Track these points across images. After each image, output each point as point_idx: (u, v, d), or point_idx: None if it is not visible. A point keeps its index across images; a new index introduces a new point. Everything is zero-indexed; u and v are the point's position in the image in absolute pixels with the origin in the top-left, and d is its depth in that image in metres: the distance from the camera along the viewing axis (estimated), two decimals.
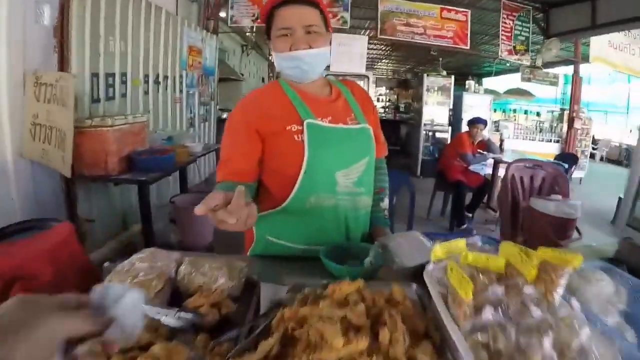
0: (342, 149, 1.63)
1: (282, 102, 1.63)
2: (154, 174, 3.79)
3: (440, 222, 6.73)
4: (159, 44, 5.41)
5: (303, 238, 1.69)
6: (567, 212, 3.00)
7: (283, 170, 1.60)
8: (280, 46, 1.57)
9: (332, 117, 1.64)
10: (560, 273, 1.13)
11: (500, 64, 12.45)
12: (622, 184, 11.80)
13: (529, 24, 9.29)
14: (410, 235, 1.61)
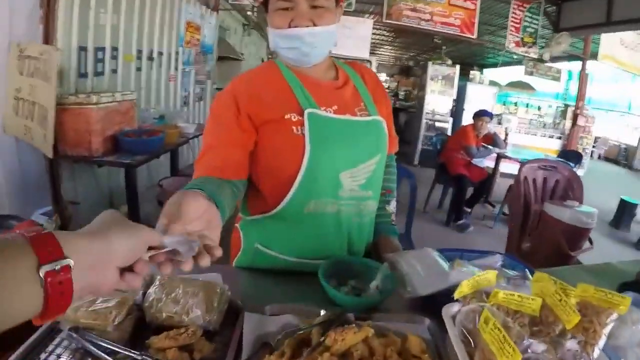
0: (349, 145, 1.39)
1: (280, 87, 1.39)
2: (141, 156, 3.62)
3: (436, 215, 6.67)
4: (154, 19, 5.17)
5: (298, 249, 1.46)
6: (583, 221, 2.84)
7: (278, 168, 1.37)
8: (278, 21, 1.33)
9: (338, 107, 1.41)
10: (605, 321, 0.99)
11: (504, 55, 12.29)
12: (621, 183, 11.97)
13: (539, 16, 9.07)
14: (424, 254, 1.39)
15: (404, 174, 3.60)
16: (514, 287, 1.14)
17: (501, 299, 1.00)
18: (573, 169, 3.58)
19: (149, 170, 5.13)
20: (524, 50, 9.14)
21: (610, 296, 1.01)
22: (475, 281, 1.05)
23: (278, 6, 1.31)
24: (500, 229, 6.13)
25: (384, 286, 1.30)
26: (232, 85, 1.41)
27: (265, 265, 1.49)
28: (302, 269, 1.45)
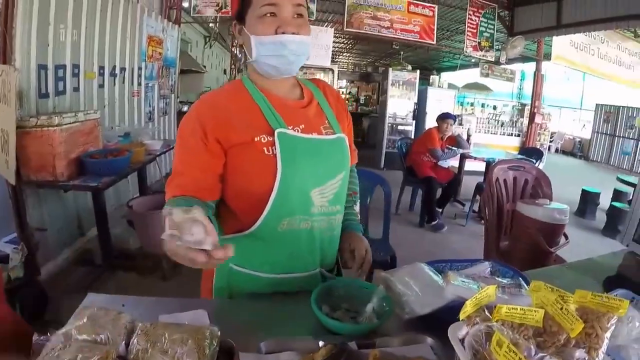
0: (318, 163, 1.38)
1: (248, 108, 1.36)
2: (108, 177, 3.48)
3: (409, 217, 6.71)
4: (115, 34, 5.06)
5: (273, 266, 1.44)
6: (556, 217, 2.91)
7: (250, 189, 1.34)
8: (263, 28, 1.29)
9: (304, 126, 1.39)
10: (606, 325, 0.99)
11: (461, 59, 12.55)
12: (579, 174, 12.41)
13: (494, 21, 9.38)
14: (416, 270, 1.39)
15: (377, 181, 3.63)
16: (511, 296, 1.15)
17: (505, 314, 1.01)
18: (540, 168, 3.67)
19: (116, 190, 4.97)
20: (481, 54, 9.39)
21: (607, 300, 1.02)
22: (478, 299, 1.07)
23: (264, 11, 1.29)
24: (472, 227, 6.30)
25: (380, 308, 1.26)
26: (197, 110, 1.37)
27: (242, 284, 1.46)
28: (279, 285, 1.45)
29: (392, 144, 9.91)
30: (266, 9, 1.28)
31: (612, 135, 15.08)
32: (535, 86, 10.46)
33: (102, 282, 3.70)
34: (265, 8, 1.28)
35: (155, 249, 3.92)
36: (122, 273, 3.88)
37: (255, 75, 1.42)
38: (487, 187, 3.38)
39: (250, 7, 1.31)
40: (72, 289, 3.51)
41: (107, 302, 1.27)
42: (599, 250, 2.17)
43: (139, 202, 4.19)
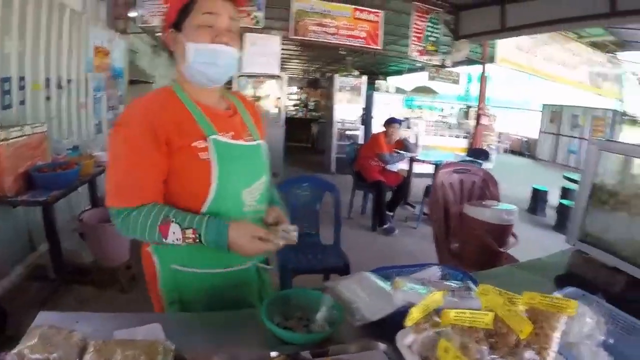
0: (246, 166, 1.52)
1: (182, 114, 1.44)
2: (57, 191, 3.43)
3: (361, 221, 6.74)
4: (62, 45, 4.92)
5: (213, 263, 1.52)
6: (504, 218, 2.95)
7: (188, 191, 1.43)
8: (201, 36, 1.38)
9: (233, 133, 1.51)
10: (555, 325, 1.02)
11: (408, 63, 12.72)
12: (526, 172, 12.78)
13: (439, 26, 9.55)
14: (362, 279, 1.42)
15: (326, 187, 3.67)
16: (460, 299, 1.16)
17: (453, 318, 1.01)
18: (487, 170, 3.72)
19: (68, 203, 4.84)
20: (427, 58, 9.55)
21: (556, 301, 1.04)
22: (425, 305, 1.06)
23: (202, 20, 1.38)
24: (424, 229, 6.33)
25: (331, 316, 1.28)
26: (143, 110, 1.41)
27: (188, 283, 1.52)
28: (221, 279, 1.54)
29: (341, 149, 9.96)
30: (206, 17, 1.37)
31: (558, 134, 15.58)
32: (481, 88, 10.75)
33: (59, 296, 3.62)
34: (205, 16, 1.37)
35: (109, 261, 3.90)
36: (78, 287, 3.79)
37: (186, 84, 1.50)
38: (433, 191, 3.41)
39: (189, 16, 1.39)
40: (30, 304, 3.42)
41: (60, 320, 1.24)
42: (551, 246, 2.23)
43: (90, 214, 4.11)
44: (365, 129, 10.64)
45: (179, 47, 1.44)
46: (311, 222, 3.74)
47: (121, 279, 3.81)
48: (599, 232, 1.76)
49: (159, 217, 1.33)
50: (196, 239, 1.34)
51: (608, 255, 1.69)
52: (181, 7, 1.40)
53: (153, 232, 1.33)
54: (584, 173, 1.83)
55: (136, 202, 1.35)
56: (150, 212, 1.33)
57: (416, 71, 15.65)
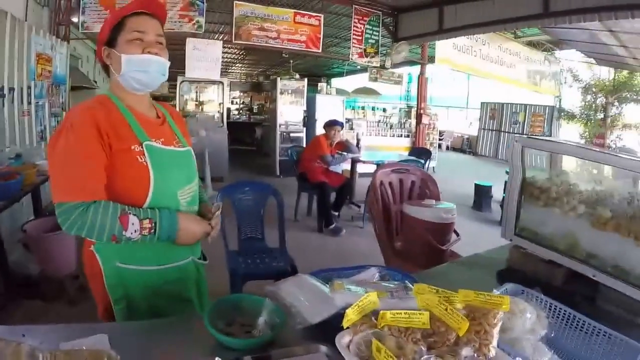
0: (178, 170, 1.65)
1: (120, 120, 1.54)
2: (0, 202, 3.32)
3: (308, 222, 6.75)
4: (3, 53, 4.76)
5: (154, 260, 1.61)
6: (444, 217, 3.01)
7: (128, 192, 1.51)
8: (133, 48, 1.54)
9: (164, 139, 1.63)
10: (493, 321, 1.06)
11: (350, 65, 12.82)
12: (469, 169, 13.14)
13: (379, 28, 9.69)
14: (301, 281, 1.45)
15: (269, 191, 3.68)
16: (399, 299, 1.19)
17: (389, 319, 1.03)
18: (428, 170, 3.79)
19: (11, 213, 4.60)
20: (367, 60, 9.65)
21: (490, 298, 1.07)
22: (360, 307, 1.08)
23: (133, 36, 1.53)
24: (370, 227, 6.28)
25: (272, 320, 1.31)
26: (90, 110, 1.48)
27: (132, 280, 1.57)
28: (163, 276, 1.62)
29: (285, 151, 9.85)
30: (136, 34, 1.54)
31: (498, 130, 16.08)
32: (420, 88, 10.91)
33: (7, 312, 3.47)
34: (135, 33, 1.54)
35: (56, 272, 3.80)
36: (26, 301, 3.66)
37: (120, 92, 1.61)
38: (372, 191, 3.45)
39: (121, 33, 1.54)
40: None
41: (6, 333, 1.25)
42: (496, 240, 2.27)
43: (35, 224, 4.00)
44: (307, 131, 10.68)
45: (114, 60, 1.57)
46: (256, 227, 3.75)
47: (69, 290, 3.73)
48: (534, 226, 1.81)
49: (118, 210, 1.42)
50: (151, 229, 1.46)
51: (544, 249, 1.74)
52: (113, 26, 1.55)
53: (114, 223, 1.40)
54: (511, 169, 1.88)
55: (92, 196, 1.41)
56: (107, 206, 1.41)
57: (358, 72, 15.82)
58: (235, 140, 13.33)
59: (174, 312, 1.62)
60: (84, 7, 7.09)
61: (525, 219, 1.85)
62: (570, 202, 1.66)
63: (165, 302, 1.63)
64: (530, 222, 1.83)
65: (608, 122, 13.17)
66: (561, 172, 1.79)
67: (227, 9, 8.38)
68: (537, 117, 14.96)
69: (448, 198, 3.47)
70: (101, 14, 7.17)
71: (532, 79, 13.15)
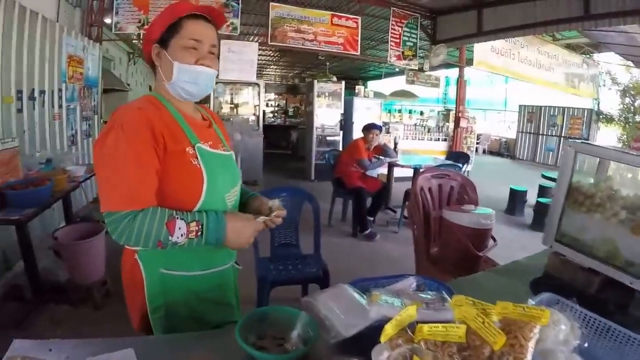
0: (226, 173, 1.62)
1: (171, 121, 1.51)
2: (30, 209, 3.29)
3: (342, 227, 6.69)
4: (33, 55, 4.80)
5: (196, 265, 1.59)
6: (482, 222, 2.96)
7: (180, 195, 1.47)
8: (187, 57, 1.50)
9: (212, 142, 1.61)
10: (529, 335, 1.02)
11: (387, 67, 12.78)
12: (506, 173, 12.95)
13: (416, 31, 9.64)
14: (338, 292, 1.41)
15: (304, 197, 3.64)
16: (435, 311, 1.16)
17: (426, 333, 1.01)
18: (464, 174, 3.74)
19: (42, 219, 4.70)
20: (405, 62, 9.60)
21: (529, 310, 1.03)
22: (398, 321, 1.05)
23: (189, 44, 1.49)
24: (405, 232, 6.32)
25: (306, 334, 1.26)
26: (141, 112, 1.43)
27: (174, 286, 1.55)
28: (205, 281, 1.61)
29: (321, 155, 9.88)
30: (191, 42, 1.49)
31: (536, 133, 15.81)
32: (459, 91, 10.81)
33: (34, 316, 3.52)
34: (191, 42, 1.49)
35: (84, 279, 3.79)
36: (53, 306, 3.69)
37: (166, 94, 1.57)
38: (413, 197, 3.41)
39: (175, 36, 1.49)
40: (4, 326, 3.33)
41: (33, 348, 1.25)
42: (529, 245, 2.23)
43: (65, 231, 3.98)
44: (344, 134, 10.61)
45: (164, 63, 1.53)
46: (291, 233, 3.73)
47: (96, 296, 3.73)
48: (575, 232, 1.76)
49: (165, 215, 1.37)
50: (198, 232, 1.41)
51: (584, 256, 1.69)
52: (167, 27, 1.50)
53: (160, 229, 1.35)
54: (560, 174, 1.84)
55: (143, 204, 1.37)
56: (154, 213, 1.37)
57: (395, 75, 15.75)
58: (270, 143, 13.35)
59: (215, 317, 1.62)
60: (117, 8, 7.19)
61: (567, 225, 1.80)
62: (613, 207, 1.61)
63: (207, 307, 1.62)
64: (571, 228, 1.78)
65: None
66: (607, 177, 1.74)
67: (263, 11, 8.47)
68: (575, 120, 14.66)
69: (482, 202, 3.41)
70: (135, 14, 7.28)
71: (571, 82, 12.93)
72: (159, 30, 1.51)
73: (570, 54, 12.68)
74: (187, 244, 1.41)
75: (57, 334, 3.21)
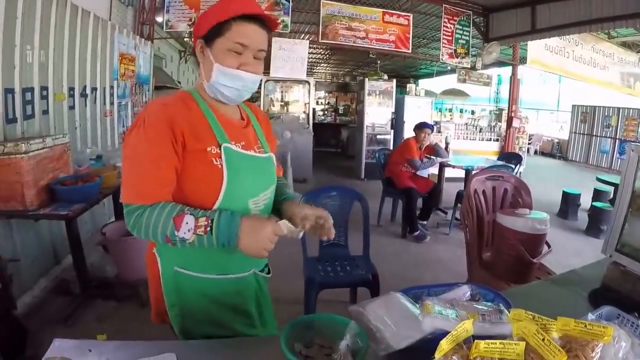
0: (255, 177, 1.56)
1: (199, 119, 1.47)
2: (79, 205, 3.35)
3: (391, 228, 6.63)
4: (86, 53, 4.92)
5: (215, 268, 1.54)
6: (537, 227, 2.88)
7: (198, 194, 1.45)
8: (229, 60, 1.43)
9: (245, 143, 1.55)
10: (590, 354, 0.96)
11: (439, 66, 12.62)
12: (558, 175, 12.58)
13: (469, 28, 9.49)
14: (390, 301, 1.37)
15: (354, 197, 3.62)
16: (491, 324, 1.13)
17: (483, 350, 0.97)
18: (519, 176, 3.65)
19: (92, 215, 4.83)
20: (457, 60, 9.47)
21: (591, 327, 0.98)
22: (454, 336, 1.02)
23: (234, 47, 1.42)
24: (456, 235, 6.21)
25: (355, 345, 1.20)
26: (167, 107, 1.41)
27: (187, 286, 1.52)
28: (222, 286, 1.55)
29: (371, 154, 9.78)
30: (238, 46, 1.42)
31: (590, 134, 15.30)
32: (512, 90, 10.55)
33: (81, 311, 3.59)
34: (236, 45, 1.42)
35: (131, 275, 3.84)
36: (100, 302, 3.77)
37: (204, 93, 1.54)
38: (466, 199, 3.33)
39: (221, 36, 1.42)
40: (52, 320, 3.41)
41: (73, 348, 1.27)
42: (583, 251, 2.15)
43: (113, 227, 4.05)
44: (395, 133, 10.49)
45: (205, 61, 1.49)
46: (340, 233, 3.69)
47: (142, 293, 3.75)
48: (637, 242, 1.69)
49: (175, 210, 1.34)
50: (207, 227, 1.32)
51: None
52: (214, 25, 1.41)
53: (167, 224, 1.32)
54: (622, 180, 1.77)
55: (152, 199, 1.36)
56: (164, 206, 1.35)
57: (446, 74, 15.53)
58: (320, 142, 13.34)
59: (233, 324, 1.57)
60: (168, 6, 7.34)
61: (629, 234, 1.71)
62: None
63: (223, 313, 1.56)
64: (634, 237, 1.70)
65: None
66: None
67: (314, 8, 8.48)
68: (630, 121, 14.04)
69: (533, 205, 3.33)
70: (186, 12, 7.42)
71: (626, 81, 12.45)
72: (206, 27, 1.44)
73: (626, 52, 12.21)
74: (197, 242, 1.34)
75: (102, 330, 3.27)
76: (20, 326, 3.02)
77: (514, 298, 1.37)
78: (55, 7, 4.18)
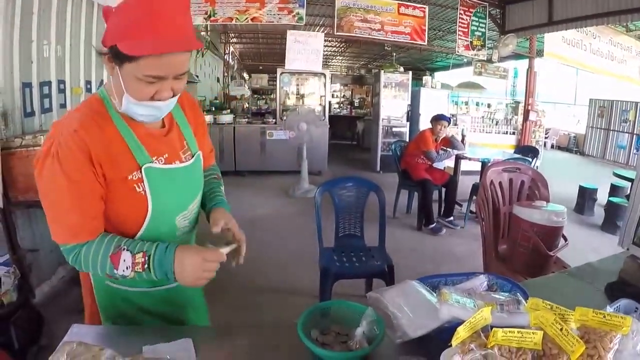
0: (181, 191, 1.46)
1: (115, 140, 1.31)
2: None
3: (406, 220, 6.63)
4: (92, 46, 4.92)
5: (146, 282, 1.47)
6: (554, 220, 2.85)
7: (122, 221, 1.37)
8: (141, 92, 1.23)
9: (168, 155, 1.42)
10: (608, 345, 0.95)
11: (454, 58, 12.54)
12: (574, 169, 12.46)
13: (485, 20, 9.41)
14: (407, 289, 1.35)
15: (371, 188, 3.60)
16: (509, 314, 1.12)
17: (501, 338, 0.96)
18: (536, 169, 3.61)
19: None
20: (473, 53, 9.40)
21: (609, 318, 0.97)
22: (472, 324, 1.01)
23: (145, 80, 1.20)
24: (471, 228, 6.20)
25: (370, 332, 1.21)
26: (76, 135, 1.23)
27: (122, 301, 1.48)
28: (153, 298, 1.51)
29: (387, 146, 9.79)
30: (149, 79, 1.20)
31: (607, 129, 15.10)
32: (529, 83, 10.43)
33: None
34: (148, 78, 1.20)
35: None
36: None
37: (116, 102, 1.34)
38: (482, 190, 3.30)
39: (131, 62, 1.18)
40: (69, 309, 3.41)
41: (90, 334, 1.28)
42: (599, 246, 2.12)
43: None
44: (410, 126, 10.46)
45: (115, 79, 1.27)
46: (355, 224, 3.69)
47: None
48: None
49: (110, 247, 1.27)
50: (144, 264, 1.26)
51: None
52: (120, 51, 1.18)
53: (105, 263, 1.26)
54: (638, 172, 1.75)
55: (84, 237, 1.28)
56: (100, 244, 1.27)
57: (462, 66, 15.43)
58: (336, 134, 13.35)
59: None
60: None
61: None
62: None
63: (156, 322, 1.52)
64: None
65: None
66: None
67: (329, 1, 8.47)
68: None
69: (551, 200, 3.30)
70: (202, 6, 7.42)
71: None
72: (111, 37, 1.20)
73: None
74: (137, 277, 1.29)
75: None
76: (37, 314, 3.06)
77: (530, 289, 1.36)
78: (71, 2, 4.22)
